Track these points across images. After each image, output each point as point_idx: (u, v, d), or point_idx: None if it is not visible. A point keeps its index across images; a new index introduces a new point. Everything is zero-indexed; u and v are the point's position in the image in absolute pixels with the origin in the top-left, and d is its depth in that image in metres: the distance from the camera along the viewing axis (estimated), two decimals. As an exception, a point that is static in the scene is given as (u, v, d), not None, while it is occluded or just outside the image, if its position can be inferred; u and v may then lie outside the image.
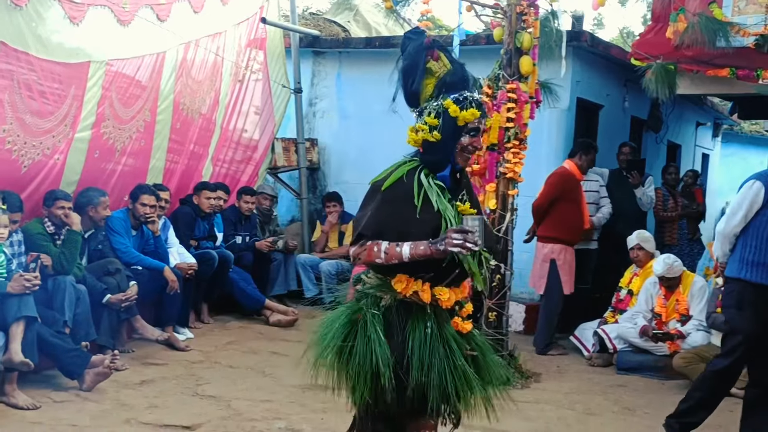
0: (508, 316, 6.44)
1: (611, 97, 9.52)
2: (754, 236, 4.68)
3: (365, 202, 3.20)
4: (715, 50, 6.70)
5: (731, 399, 5.49)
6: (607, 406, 5.88)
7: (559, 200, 7.22)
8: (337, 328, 3.22)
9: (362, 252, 3.12)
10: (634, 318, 7.03)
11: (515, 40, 6.12)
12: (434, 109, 3.14)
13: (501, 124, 6.11)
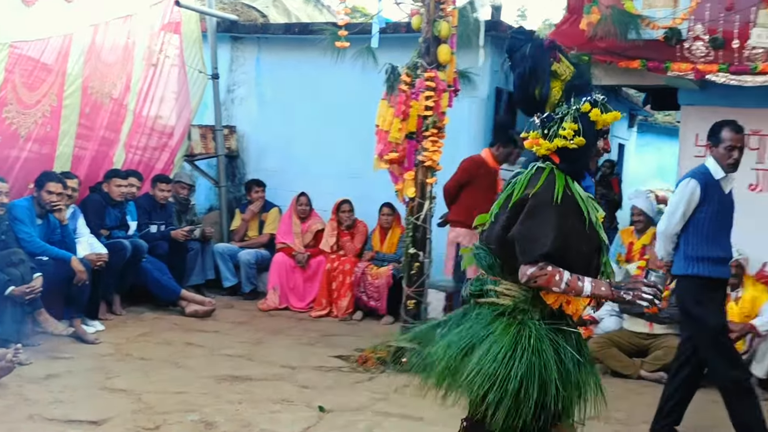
0: (427, 304, 6.51)
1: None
2: (694, 233, 4.86)
3: (531, 216, 2.94)
4: (626, 42, 6.89)
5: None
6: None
7: (469, 185, 7.31)
8: (492, 349, 2.94)
9: (541, 276, 2.89)
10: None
11: (433, 28, 6.17)
12: (572, 114, 2.96)
13: (419, 112, 6.16)
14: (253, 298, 8.64)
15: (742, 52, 6.59)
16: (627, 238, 7.92)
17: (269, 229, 9.06)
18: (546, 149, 2.99)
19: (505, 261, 3.06)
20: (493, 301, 3.05)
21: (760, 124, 7.35)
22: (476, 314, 3.07)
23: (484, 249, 3.14)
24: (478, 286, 3.13)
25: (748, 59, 6.56)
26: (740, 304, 6.44)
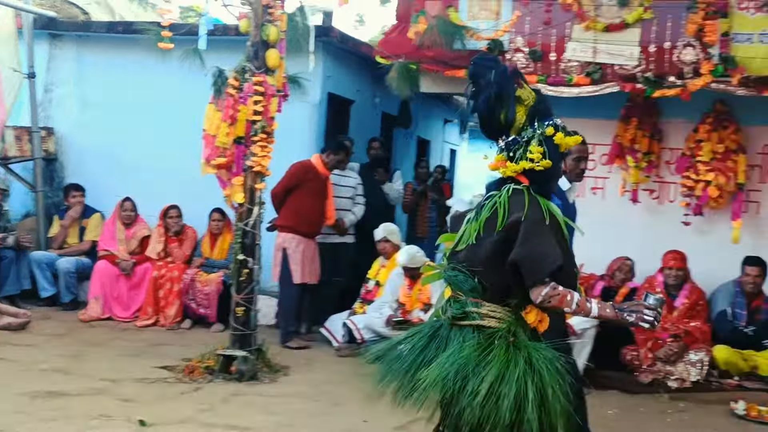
0: (257, 311, 6.47)
1: (362, 93, 9.86)
2: None
3: (530, 237, 3.02)
4: (452, 52, 7.17)
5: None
6: (353, 395, 6.09)
7: (297, 190, 7.36)
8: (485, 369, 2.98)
9: (555, 296, 3.00)
10: (381, 308, 7.37)
11: (261, 32, 6.15)
12: (537, 137, 3.09)
13: (248, 117, 6.13)
14: (73, 308, 8.27)
15: (558, 65, 7.01)
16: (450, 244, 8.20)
17: (91, 235, 8.71)
18: (512, 171, 3.11)
19: (492, 283, 3.12)
20: (479, 323, 3.10)
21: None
22: (460, 337, 3.10)
23: (463, 272, 3.15)
24: (459, 308, 3.14)
25: (564, 71, 6.98)
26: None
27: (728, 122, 7.25)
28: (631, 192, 7.56)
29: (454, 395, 2.98)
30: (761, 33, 6.51)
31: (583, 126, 7.59)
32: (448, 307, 3.20)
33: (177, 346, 7.11)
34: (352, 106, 9.73)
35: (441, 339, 3.19)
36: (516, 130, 3.15)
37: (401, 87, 7.21)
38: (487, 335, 3.08)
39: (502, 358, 2.99)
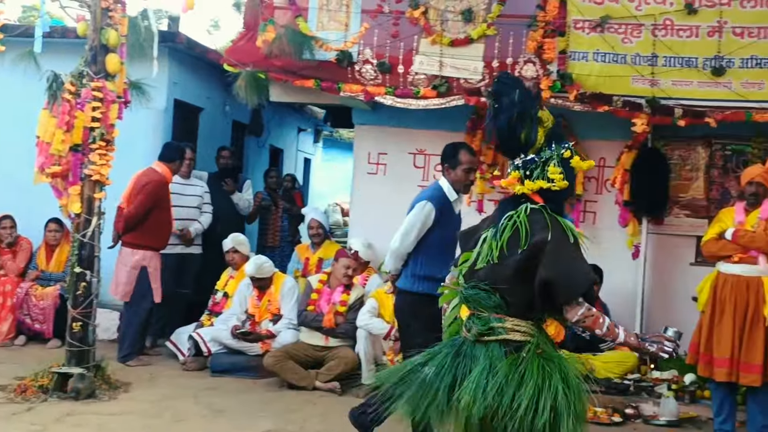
0: (95, 326, 6.27)
1: (212, 100, 9.76)
2: (425, 254, 5.04)
3: (559, 257, 3.21)
4: (301, 61, 7.20)
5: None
6: (197, 410, 6.01)
7: (153, 208, 7.20)
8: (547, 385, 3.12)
9: (590, 317, 3.22)
10: (228, 320, 7.29)
11: (101, 36, 5.99)
12: (555, 158, 3.29)
13: (85, 123, 5.94)
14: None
15: (406, 77, 7.17)
16: (303, 254, 8.25)
17: None
18: (528, 189, 3.32)
19: (516, 300, 3.26)
20: (505, 338, 3.23)
21: (425, 144, 8.07)
22: (487, 353, 3.21)
23: (485, 289, 3.28)
24: (483, 324, 3.26)
25: (412, 84, 7.16)
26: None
27: (567, 136, 7.63)
28: (477, 202, 7.81)
29: (492, 411, 3.09)
30: (595, 52, 6.91)
31: (431, 138, 7.94)
32: (472, 324, 3.32)
33: (9, 364, 6.79)
34: (202, 114, 9.60)
35: (466, 356, 3.30)
36: (534, 150, 3.36)
37: (249, 96, 7.18)
38: (514, 348, 3.22)
39: (537, 371, 3.14)
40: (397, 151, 8.12)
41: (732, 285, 5.74)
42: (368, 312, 6.81)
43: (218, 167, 8.95)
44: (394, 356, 6.74)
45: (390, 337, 6.76)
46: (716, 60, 6.76)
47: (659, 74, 6.84)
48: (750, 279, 5.73)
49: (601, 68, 6.90)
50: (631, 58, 6.87)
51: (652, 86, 6.84)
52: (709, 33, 6.78)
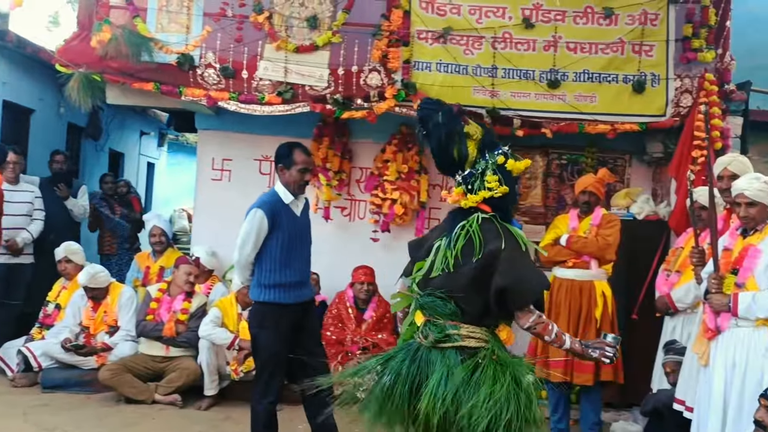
0: None
1: (45, 102, 9.33)
2: (267, 261, 4.99)
3: (513, 266, 3.43)
4: (139, 64, 7.00)
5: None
6: (27, 428, 5.75)
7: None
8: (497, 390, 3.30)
9: (540, 324, 3.48)
10: (60, 333, 7.01)
11: None
12: (490, 168, 3.50)
13: None
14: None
15: (251, 83, 7.11)
16: (144, 262, 8.02)
17: None
18: (473, 202, 3.51)
19: (471, 307, 3.46)
20: (461, 345, 3.42)
21: (271, 151, 7.96)
22: (443, 359, 3.38)
23: (441, 297, 3.46)
24: (439, 331, 3.42)
25: (257, 90, 7.10)
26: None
27: (412, 144, 7.82)
28: (324, 209, 7.86)
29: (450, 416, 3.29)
30: (438, 62, 7.12)
31: (277, 144, 7.77)
32: (428, 331, 3.46)
33: None
34: (33, 116, 9.17)
35: (422, 362, 3.42)
36: (470, 164, 3.56)
37: (82, 98, 6.90)
38: (469, 354, 3.41)
39: (492, 377, 3.34)
40: (242, 157, 8.05)
41: (566, 289, 6.05)
42: (211, 322, 6.71)
43: (51, 172, 8.55)
44: (237, 366, 6.68)
45: (234, 347, 6.68)
46: (552, 73, 7.11)
47: (499, 85, 7.12)
48: (583, 283, 6.07)
49: (443, 78, 7.11)
50: (472, 69, 7.11)
51: (492, 97, 7.11)
52: (545, 47, 7.13)
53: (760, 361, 4.43)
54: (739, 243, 4.67)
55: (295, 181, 5.06)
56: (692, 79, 7.12)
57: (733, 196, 4.67)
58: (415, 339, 3.56)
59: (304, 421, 6.33)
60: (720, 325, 4.60)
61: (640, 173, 7.99)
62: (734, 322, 4.53)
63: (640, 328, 6.63)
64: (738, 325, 4.52)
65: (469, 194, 3.56)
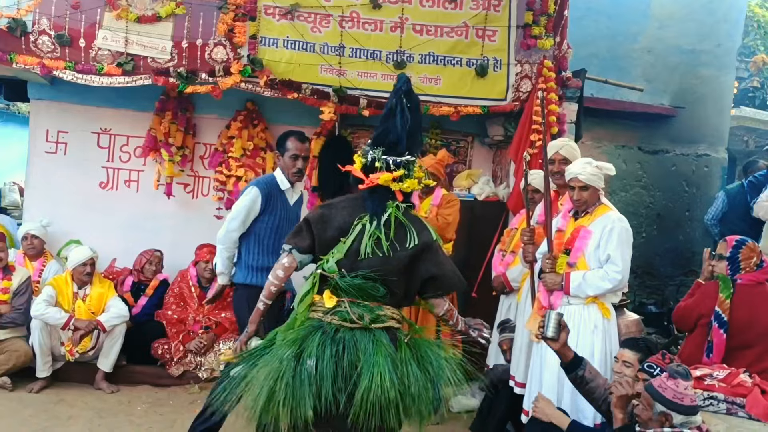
0: None
1: None
2: (255, 243, 4.99)
3: (442, 255, 3.81)
4: (-34, 27, 6.72)
5: None
6: None
7: None
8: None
9: (450, 311, 3.91)
10: None
11: None
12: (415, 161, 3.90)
13: None
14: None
15: (89, 52, 6.94)
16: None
17: None
18: (407, 188, 3.77)
19: (398, 290, 3.71)
20: (388, 325, 3.63)
21: (110, 124, 7.90)
22: (369, 340, 3.54)
23: (370, 278, 3.60)
24: (369, 312, 3.60)
25: (95, 60, 6.94)
26: (88, 302, 6.81)
27: (258, 121, 7.89)
28: (166, 185, 7.80)
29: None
30: (285, 39, 7.20)
31: (118, 117, 7.82)
32: (361, 312, 3.60)
33: None
34: None
35: (348, 343, 3.51)
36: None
37: None
38: (392, 335, 3.63)
39: (410, 355, 3.61)
40: (80, 129, 7.86)
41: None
42: (44, 301, 6.56)
43: None
44: (73, 347, 6.58)
45: (69, 326, 6.57)
46: (398, 54, 7.36)
47: (346, 65, 7.29)
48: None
49: (291, 55, 7.21)
50: (319, 47, 7.25)
51: (339, 76, 7.27)
52: (392, 28, 7.36)
53: (590, 337, 4.84)
54: (571, 224, 5.03)
55: (288, 168, 5.15)
56: (532, 65, 7.52)
57: (567, 180, 5.02)
58: (325, 320, 3.63)
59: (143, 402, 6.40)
60: (553, 302, 4.97)
61: (481, 155, 8.39)
62: (566, 300, 4.91)
63: (479, 306, 6.99)
64: (570, 302, 4.90)
65: (407, 179, 3.79)
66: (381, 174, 3.75)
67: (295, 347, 3.54)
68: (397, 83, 3.92)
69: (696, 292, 5.63)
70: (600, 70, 8.75)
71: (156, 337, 7.07)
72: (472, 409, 6.56)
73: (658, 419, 3.79)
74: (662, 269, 10.15)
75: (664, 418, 3.78)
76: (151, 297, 7.29)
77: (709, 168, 10.30)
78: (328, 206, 3.88)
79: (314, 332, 3.59)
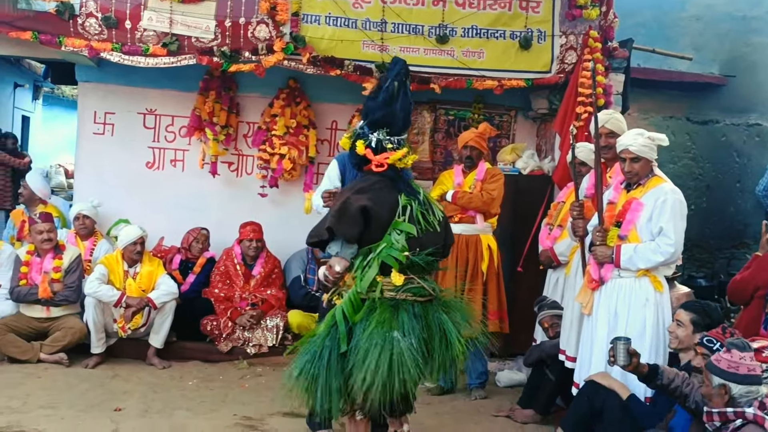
0: None
1: None
2: None
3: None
4: (16, 12, 6.88)
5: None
6: None
7: None
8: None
9: None
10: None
11: None
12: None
13: None
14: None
15: (134, 33, 7.07)
16: (19, 218, 7.97)
17: None
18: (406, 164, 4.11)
19: (439, 260, 4.15)
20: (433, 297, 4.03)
21: (156, 104, 8.07)
22: (433, 313, 3.96)
23: (432, 255, 3.96)
24: (433, 284, 4.02)
25: (141, 41, 7.08)
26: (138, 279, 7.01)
27: (300, 98, 8.00)
28: (211, 164, 7.96)
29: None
30: (327, 15, 7.26)
31: (163, 97, 7.98)
32: (433, 286, 3.96)
33: None
34: None
35: (422, 318, 3.87)
36: None
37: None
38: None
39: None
40: (126, 110, 8.05)
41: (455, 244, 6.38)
42: (97, 279, 6.78)
43: None
44: (125, 324, 6.79)
45: (121, 304, 6.77)
46: (440, 28, 7.38)
47: (388, 40, 7.34)
48: (469, 237, 6.42)
49: (333, 32, 7.27)
50: (361, 23, 7.31)
51: (381, 52, 7.32)
52: (434, 2, 7.40)
53: (641, 311, 4.84)
54: (623, 197, 5.02)
55: None
56: (577, 36, 7.50)
57: (618, 151, 5.00)
58: (399, 297, 3.88)
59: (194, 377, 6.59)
60: (603, 276, 4.97)
61: (525, 129, 8.41)
62: (617, 273, 4.90)
63: (525, 280, 7.09)
64: (620, 276, 4.90)
65: (409, 156, 4.09)
66: (391, 154, 4.01)
67: (387, 326, 3.79)
68: (396, 66, 4.15)
69: (753, 264, 5.60)
70: (647, 39, 8.69)
71: (204, 313, 7.26)
72: (519, 384, 6.66)
73: (718, 392, 3.80)
74: (712, 242, 10.09)
75: (723, 390, 3.78)
76: (198, 274, 7.47)
77: (760, 138, 10.19)
78: (364, 190, 4.02)
79: (396, 310, 3.85)
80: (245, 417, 5.60)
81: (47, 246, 6.90)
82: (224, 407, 5.84)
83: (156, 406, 5.76)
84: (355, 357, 3.75)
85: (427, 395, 6.25)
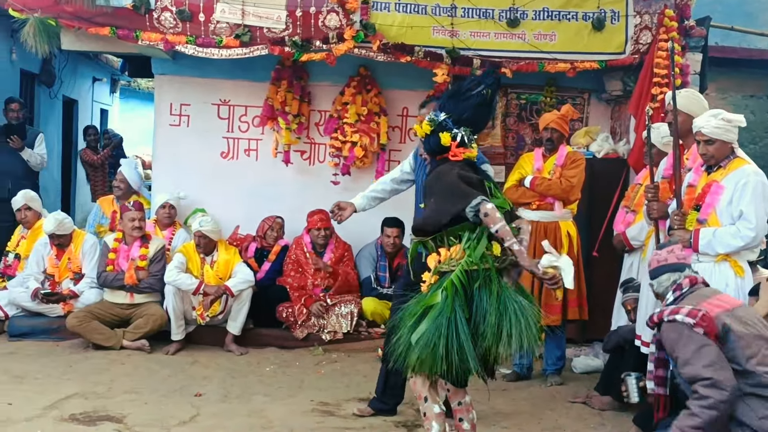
0: None
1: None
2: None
3: None
4: (94, 8, 7.07)
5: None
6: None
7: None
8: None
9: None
10: (26, 281, 7.20)
11: None
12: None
13: None
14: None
15: (208, 26, 7.20)
16: (108, 207, 8.18)
17: None
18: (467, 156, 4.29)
19: None
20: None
21: (229, 95, 8.19)
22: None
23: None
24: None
25: (214, 33, 7.20)
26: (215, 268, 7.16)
27: (371, 86, 8.02)
28: (284, 153, 8.05)
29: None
30: (397, 2, 7.27)
31: (236, 88, 8.09)
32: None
33: None
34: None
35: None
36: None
37: (39, 44, 6.99)
38: None
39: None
40: (201, 102, 8.18)
41: (531, 231, 6.30)
42: (176, 267, 6.94)
43: (7, 121, 8.61)
44: (203, 311, 6.94)
45: (199, 291, 6.93)
46: (511, 12, 7.32)
47: (458, 25, 7.31)
48: (548, 224, 6.36)
49: (403, 18, 7.27)
50: (431, 8, 7.29)
51: (451, 37, 7.30)
52: (504, -15, 7.32)
53: (721, 295, 4.73)
54: (703, 179, 4.88)
55: None
56: (652, 16, 7.35)
57: (693, 134, 4.90)
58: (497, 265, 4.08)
59: (271, 363, 6.69)
60: (682, 259, 4.88)
61: (598, 111, 8.28)
62: (696, 257, 4.77)
63: (601, 265, 6.98)
64: (699, 260, 4.76)
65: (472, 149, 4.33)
66: (468, 151, 4.30)
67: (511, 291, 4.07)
68: (491, 76, 4.52)
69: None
70: (725, 17, 8.49)
71: (280, 300, 7.36)
72: (595, 370, 6.59)
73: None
74: (796, 224, 9.78)
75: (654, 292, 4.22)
76: (273, 262, 7.58)
77: None
78: (463, 167, 4.26)
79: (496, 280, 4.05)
80: (322, 402, 5.68)
81: (137, 234, 7.11)
82: (301, 393, 5.93)
83: (235, 392, 5.88)
84: (489, 320, 3.96)
85: (502, 381, 6.25)
